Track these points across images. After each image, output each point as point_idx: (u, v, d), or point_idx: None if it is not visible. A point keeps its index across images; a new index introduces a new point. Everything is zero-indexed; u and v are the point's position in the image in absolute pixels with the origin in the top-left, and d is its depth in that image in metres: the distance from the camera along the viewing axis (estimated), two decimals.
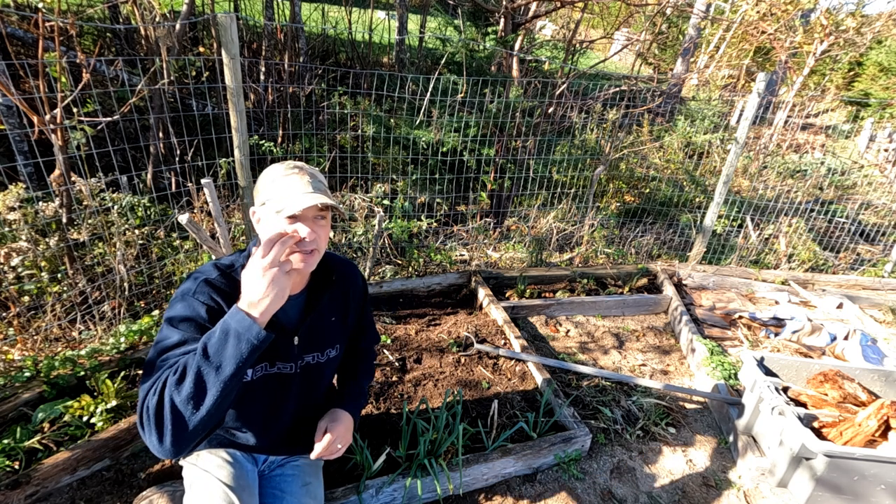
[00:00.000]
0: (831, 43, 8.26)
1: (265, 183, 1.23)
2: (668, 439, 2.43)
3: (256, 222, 1.26)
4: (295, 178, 1.20)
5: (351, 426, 1.48)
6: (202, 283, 1.21)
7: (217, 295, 1.21)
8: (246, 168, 2.67)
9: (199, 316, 1.16)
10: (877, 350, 3.06)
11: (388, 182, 4.00)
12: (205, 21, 5.17)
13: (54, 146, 2.41)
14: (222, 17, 2.29)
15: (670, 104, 8.23)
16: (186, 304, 1.18)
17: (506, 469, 2.05)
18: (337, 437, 1.40)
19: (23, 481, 1.68)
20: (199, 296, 1.19)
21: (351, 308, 1.52)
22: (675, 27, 11.03)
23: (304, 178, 1.21)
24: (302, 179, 1.20)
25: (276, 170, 1.23)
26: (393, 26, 6.91)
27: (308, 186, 1.20)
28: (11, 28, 4.49)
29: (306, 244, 1.19)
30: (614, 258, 4.14)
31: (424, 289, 3.35)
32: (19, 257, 2.42)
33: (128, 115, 3.84)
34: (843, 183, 7.25)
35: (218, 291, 1.21)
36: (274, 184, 1.20)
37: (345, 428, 1.44)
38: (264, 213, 1.22)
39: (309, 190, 1.19)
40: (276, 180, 1.21)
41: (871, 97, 11.95)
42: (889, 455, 1.91)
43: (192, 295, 1.19)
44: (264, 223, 1.22)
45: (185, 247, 3.11)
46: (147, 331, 2.42)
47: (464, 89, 4.22)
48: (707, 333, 3.25)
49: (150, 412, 1.00)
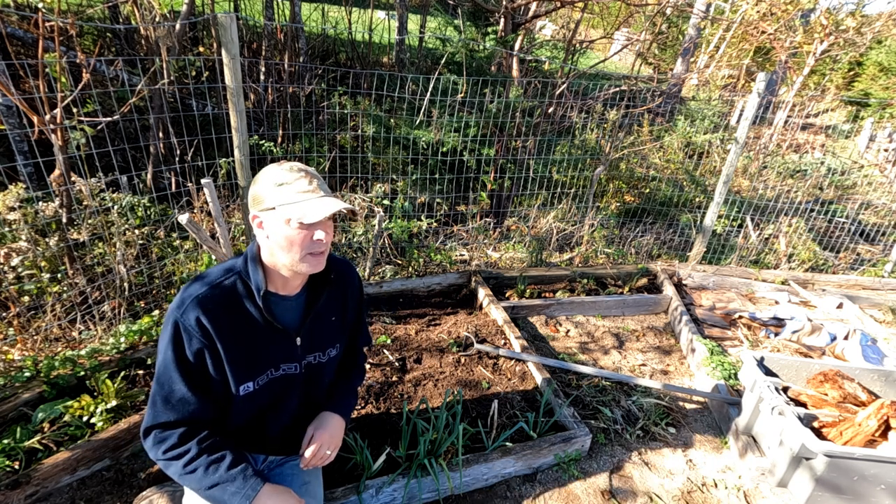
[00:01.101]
0: (831, 43, 8.26)
1: (269, 187, 1.18)
2: (668, 439, 2.43)
3: (258, 226, 1.21)
4: (303, 182, 1.18)
5: (340, 429, 1.48)
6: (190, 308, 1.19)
7: (204, 316, 1.19)
8: (246, 168, 2.67)
9: (191, 354, 1.21)
10: (877, 350, 3.06)
11: (388, 182, 4.00)
12: (205, 21, 5.17)
13: (54, 146, 2.41)
14: (222, 16, 2.29)
15: (670, 104, 8.23)
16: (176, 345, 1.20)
17: (506, 469, 2.05)
18: (322, 443, 1.41)
19: (23, 481, 1.68)
20: (186, 333, 1.19)
21: (349, 307, 1.52)
22: (675, 27, 11.03)
23: (314, 183, 1.19)
24: (311, 184, 1.19)
25: (279, 174, 1.18)
26: (393, 26, 6.91)
27: (319, 191, 1.19)
28: (11, 28, 4.49)
29: (322, 247, 1.21)
30: (614, 258, 4.14)
31: (424, 289, 3.35)
32: (19, 257, 2.42)
33: (128, 115, 3.84)
34: (843, 183, 7.25)
35: (205, 311, 1.20)
36: (281, 189, 1.17)
37: (330, 434, 1.44)
38: (271, 220, 1.18)
39: (321, 194, 1.19)
40: (283, 185, 1.17)
41: (871, 97, 11.94)
42: (889, 455, 1.91)
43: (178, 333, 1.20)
44: (272, 229, 1.19)
45: (185, 247, 3.11)
46: (147, 331, 2.42)
47: (464, 89, 4.22)
48: (707, 333, 3.25)
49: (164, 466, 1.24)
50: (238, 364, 1.26)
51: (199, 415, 1.24)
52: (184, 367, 1.21)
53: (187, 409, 1.22)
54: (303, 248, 1.19)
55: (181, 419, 1.22)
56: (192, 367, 1.22)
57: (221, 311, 1.22)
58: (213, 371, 1.24)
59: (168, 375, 1.21)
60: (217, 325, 1.20)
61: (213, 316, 1.20)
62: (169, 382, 1.21)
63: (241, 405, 1.32)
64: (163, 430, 1.22)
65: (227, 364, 1.24)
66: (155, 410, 1.22)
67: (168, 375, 1.21)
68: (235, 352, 1.24)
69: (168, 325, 1.20)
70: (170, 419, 1.22)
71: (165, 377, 1.21)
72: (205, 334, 1.19)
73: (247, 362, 1.28)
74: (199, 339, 1.19)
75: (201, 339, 1.19)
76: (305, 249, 1.20)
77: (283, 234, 1.17)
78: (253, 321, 1.27)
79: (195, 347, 1.20)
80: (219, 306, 1.21)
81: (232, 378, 1.26)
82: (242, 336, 1.26)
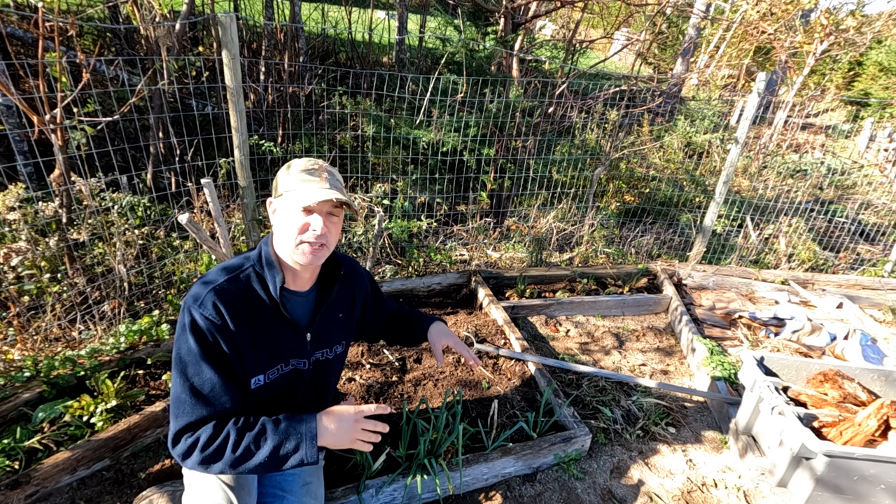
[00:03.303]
0: (831, 43, 8.26)
1: (283, 175, 1.29)
2: (668, 439, 2.43)
3: (272, 213, 1.30)
4: (314, 173, 1.27)
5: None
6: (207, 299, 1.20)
7: (224, 307, 1.21)
8: (246, 168, 2.67)
9: (213, 343, 1.21)
10: (877, 350, 3.07)
11: (388, 182, 3.99)
12: (205, 21, 5.17)
13: (54, 146, 2.41)
14: (222, 16, 2.29)
15: (670, 104, 8.23)
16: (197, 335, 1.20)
17: (506, 469, 2.05)
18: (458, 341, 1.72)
19: (23, 481, 1.68)
20: (206, 322, 1.20)
21: (357, 305, 1.55)
22: (675, 27, 11.02)
23: (324, 175, 1.27)
24: (320, 176, 1.26)
25: (297, 164, 1.29)
26: (393, 26, 6.91)
27: (325, 183, 1.26)
28: (11, 28, 4.49)
29: (314, 237, 1.23)
30: (614, 258, 4.14)
31: (424, 289, 3.35)
32: (19, 257, 2.42)
33: (128, 115, 3.84)
34: (843, 183, 7.25)
35: (224, 302, 1.22)
36: (292, 177, 1.26)
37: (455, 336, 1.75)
38: (281, 204, 1.27)
39: (326, 186, 1.25)
40: (296, 174, 1.27)
41: (871, 97, 11.94)
42: (889, 455, 1.91)
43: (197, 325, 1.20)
44: (280, 213, 1.27)
45: (185, 247, 3.11)
46: (147, 331, 2.42)
47: (464, 89, 4.22)
48: (707, 333, 3.25)
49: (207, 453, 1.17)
50: (251, 356, 1.27)
51: (231, 405, 1.22)
52: (210, 355, 1.19)
53: (219, 399, 1.20)
54: (298, 233, 1.23)
55: (212, 414, 1.19)
56: (217, 355, 1.21)
57: (238, 303, 1.23)
58: (230, 361, 1.24)
59: (196, 367, 1.19)
60: (234, 316, 1.21)
61: (231, 307, 1.22)
62: (197, 374, 1.19)
63: (251, 399, 1.33)
64: (194, 432, 1.17)
65: (241, 356, 1.25)
66: (181, 410, 1.18)
67: (196, 367, 1.19)
68: (249, 344, 1.26)
69: (185, 320, 1.20)
70: (201, 415, 1.18)
71: (193, 370, 1.19)
72: (223, 325, 1.20)
73: (260, 355, 1.29)
74: (217, 327, 1.20)
75: (219, 328, 1.20)
76: (300, 235, 1.23)
77: (283, 217, 1.25)
78: (267, 315, 1.29)
79: (214, 336, 1.20)
80: (235, 298, 1.23)
81: (245, 371, 1.27)
82: (257, 329, 1.27)
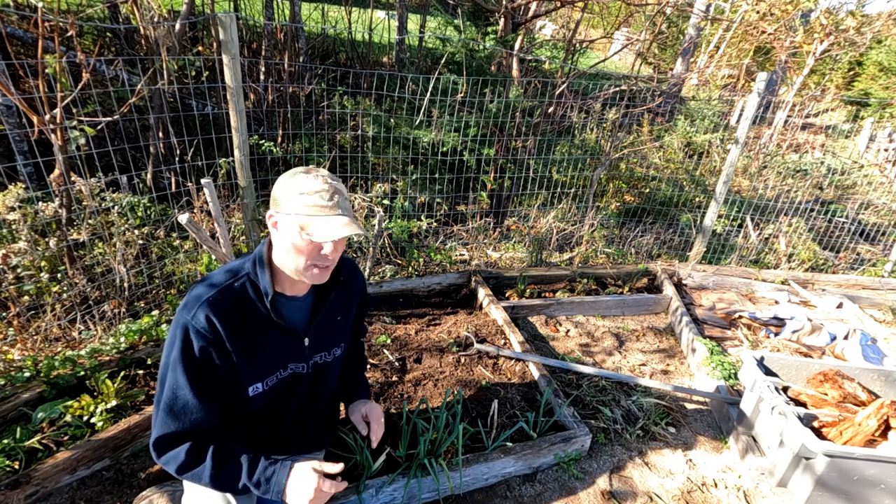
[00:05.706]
0: (831, 43, 8.27)
1: (290, 192, 1.18)
2: (668, 439, 2.43)
3: (273, 226, 1.24)
4: (324, 196, 1.18)
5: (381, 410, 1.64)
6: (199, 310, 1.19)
7: (215, 318, 1.20)
8: (246, 168, 2.67)
9: (199, 356, 1.20)
10: (877, 350, 3.06)
11: (388, 182, 3.99)
12: (205, 21, 5.17)
13: (54, 146, 2.41)
14: (222, 16, 2.29)
15: (670, 104, 8.23)
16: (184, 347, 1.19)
17: (506, 469, 2.05)
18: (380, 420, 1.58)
19: (23, 481, 1.68)
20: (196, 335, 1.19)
21: (353, 306, 1.55)
22: (675, 27, 11.03)
23: (334, 199, 1.19)
24: (331, 200, 1.19)
25: (303, 181, 1.18)
26: (393, 26, 6.90)
27: (336, 209, 1.19)
28: (11, 28, 4.49)
29: (327, 261, 1.23)
30: (614, 258, 4.14)
31: (424, 289, 3.35)
32: (19, 257, 2.42)
33: (128, 115, 3.84)
34: (843, 183, 7.25)
35: (216, 313, 1.20)
36: (301, 198, 1.17)
37: (379, 412, 1.60)
38: (285, 223, 1.20)
39: (338, 212, 1.19)
40: (303, 194, 1.17)
41: (871, 97, 11.94)
42: (889, 455, 1.91)
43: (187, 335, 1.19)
44: (284, 233, 1.21)
45: (185, 247, 3.11)
46: (147, 331, 2.42)
47: (464, 89, 4.22)
48: (707, 333, 3.25)
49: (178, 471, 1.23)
50: (248, 365, 1.27)
51: (204, 423, 1.22)
52: (190, 369, 1.19)
53: (191, 417, 1.20)
54: (308, 259, 1.21)
55: (186, 430, 1.20)
56: (199, 370, 1.20)
57: (231, 313, 1.22)
58: (222, 373, 1.24)
59: (174, 380, 1.19)
60: (227, 327, 1.20)
61: (224, 318, 1.20)
62: (173, 387, 1.19)
63: (250, 406, 1.33)
64: (171, 445, 1.20)
65: (238, 365, 1.25)
66: (159, 419, 1.20)
67: (174, 380, 1.19)
68: (245, 353, 1.25)
69: (177, 328, 1.19)
70: (175, 430, 1.19)
71: (171, 381, 1.20)
72: (215, 336, 1.19)
73: (257, 363, 1.29)
74: (209, 340, 1.19)
75: (212, 340, 1.19)
76: (311, 260, 1.22)
77: (292, 240, 1.20)
78: (262, 323, 1.28)
79: (204, 350, 1.19)
80: (228, 308, 1.22)
81: (242, 379, 1.27)
82: (252, 337, 1.26)
